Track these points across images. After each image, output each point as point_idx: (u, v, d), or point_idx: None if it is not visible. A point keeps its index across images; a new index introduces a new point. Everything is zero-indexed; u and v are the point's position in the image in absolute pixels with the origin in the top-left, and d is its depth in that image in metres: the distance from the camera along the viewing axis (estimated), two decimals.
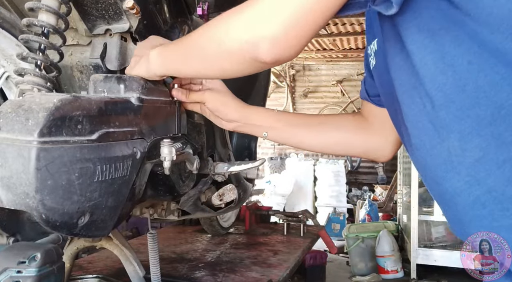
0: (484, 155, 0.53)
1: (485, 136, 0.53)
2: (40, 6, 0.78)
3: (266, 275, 1.71)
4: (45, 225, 0.64)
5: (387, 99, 0.73)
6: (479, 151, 0.54)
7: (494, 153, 0.53)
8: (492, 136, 0.52)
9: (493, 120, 0.52)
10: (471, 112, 0.53)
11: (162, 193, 1.04)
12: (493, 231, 0.54)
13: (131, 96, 0.83)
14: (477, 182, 0.55)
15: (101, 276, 1.56)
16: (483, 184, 0.54)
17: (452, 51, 0.53)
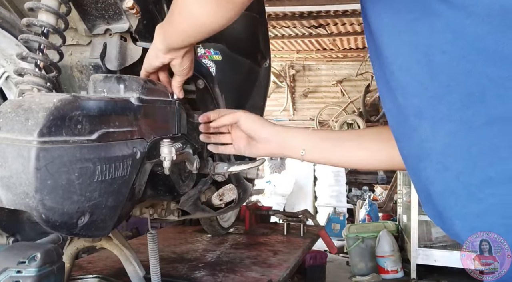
0: (453, 140, 0.54)
1: (455, 122, 0.53)
2: (40, 6, 0.78)
3: (266, 275, 1.71)
4: (45, 225, 0.64)
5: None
6: (449, 136, 0.54)
7: (462, 138, 0.53)
8: (461, 121, 0.53)
9: (463, 106, 0.53)
10: (443, 99, 0.54)
11: (162, 193, 1.04)
12: (464, 219, 0.54)
13: (131, 96, 0.83)
14: (446, 168, 0.55)
15: (101, 276, 1.56)
16: (451, 169, 0.55)
17: (426, 41, 0.54)
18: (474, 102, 0.52)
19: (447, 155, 0.55)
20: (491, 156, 0.51)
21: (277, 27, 5.86)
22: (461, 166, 0.54)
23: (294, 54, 7.33)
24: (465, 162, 0.53)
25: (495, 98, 0.51)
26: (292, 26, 5.83)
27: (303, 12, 5.31)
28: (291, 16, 5.43)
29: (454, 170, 0.54)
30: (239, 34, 1.73)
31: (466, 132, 0.53)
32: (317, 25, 5.78)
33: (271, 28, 5.76)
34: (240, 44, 1.73)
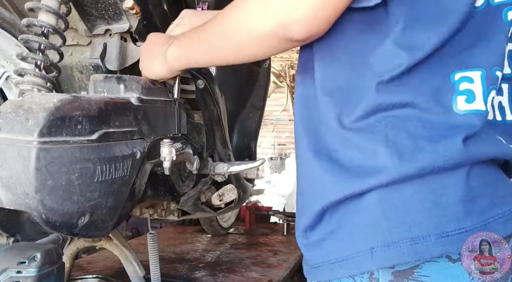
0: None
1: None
2: (40, 6, 0.78)
3: (266, 275, 1.71)
4: (45, 225, 0.64)
5: None
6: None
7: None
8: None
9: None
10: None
11: (162, 193, 1.04)
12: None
13: (131, 96, 0.83)
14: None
15: (101, 276, 1.56)
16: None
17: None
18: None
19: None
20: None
21: None
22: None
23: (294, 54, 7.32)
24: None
25: None
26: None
27: None
28: None
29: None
30: None
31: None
32: None
33: None
34: None
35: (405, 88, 0.56)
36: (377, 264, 0.56)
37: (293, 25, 0.58)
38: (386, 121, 0.57)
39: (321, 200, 0.60)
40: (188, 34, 0.80)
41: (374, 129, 0.57)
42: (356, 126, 0.58)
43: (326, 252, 0.60)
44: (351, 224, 0.58)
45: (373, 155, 0.56)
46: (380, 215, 0.56)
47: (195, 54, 0.79)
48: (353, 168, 0.58)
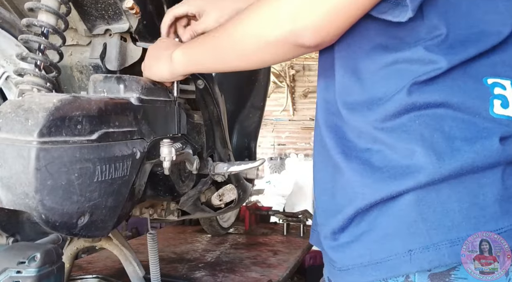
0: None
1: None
2: (40, 6, 0.78)
3: (266, 275, 1.71)
4: (45, 225, 0.64)
5: None
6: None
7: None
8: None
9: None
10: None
11: (162, 193, 1.04)
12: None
13: (130, 96, 0.83)
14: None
15: (101, 276, 1.56)
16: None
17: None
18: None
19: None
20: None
21: None
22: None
23: None
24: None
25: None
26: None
27: None
28: None
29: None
30: None
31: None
32: None
33: None
34: None
35: (439, 88, 0.56)
36: (416, 266, 0.55)
37: (304, 31, 0.58)
38: (420, 120, 0.56)
39: (353, 203, 0.59)
40: (196, 41, 0.81)
41: (408, 129, 0.56)
42: (387, 126, 0.58)
43: (358, 255, 0.59)
44: (386, 226, 0.57)
45: (409, 154, 0.56)
46: (417, 217, 0.55)
47: (201, 60, 0.80)
48: (386, 168, 0.57)
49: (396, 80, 0.58)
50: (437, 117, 0.56)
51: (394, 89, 0.58)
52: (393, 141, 0.57)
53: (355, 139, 0.61)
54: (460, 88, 0.56)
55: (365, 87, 0.61)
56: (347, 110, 0.62)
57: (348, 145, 0.62)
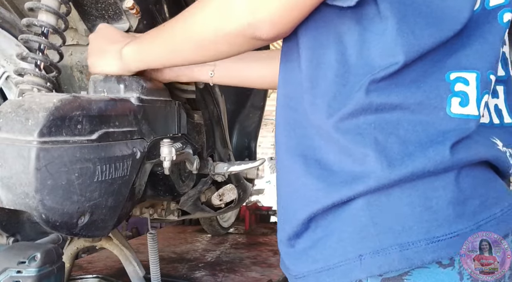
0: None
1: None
2: (40, 6, 0.78)
3: (266, 275, 1.71)
4: (45, 225, 0.64)
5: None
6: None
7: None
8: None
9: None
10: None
11: (162, 193, 1.04)
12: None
13: (131, 96, 0.83)
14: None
15: (101, 276, 1.56)
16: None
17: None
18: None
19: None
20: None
21: None
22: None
23: None
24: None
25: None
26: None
27: None
28: None
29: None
30: None
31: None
32: None
33: None
34: None
35: (396, 88, 0.55)
36: (366, 272, 0.54)
37: (261, 24, 0.58)
38: (375, 123, 0.55)
39: (307, 207, 0.58)
40: (148, 35, 0.79)
41: (363, 132, 0.55)
42: (344, 126, 0.56)
43: (313, 261, 0.58)
44: (339, 231, 0.56)
45: (362, 159, 0.55)
46: (368, 221, 0.54)
47: (156, 54, 0.78)
48: (341, 172, 0.56)
49: (357, 76, 0.56)
50: (393, 121, 0.55)
51: (354, 86, 0.56)
52: (348, 143, 0.56)
53: (314, 141, 0.60)
54: (418, 87, 0.55)
55: (328, 82, 0.59)
56: (311, 106, 0.60)
57: (307, 146, 0.60)
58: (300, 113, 0.62)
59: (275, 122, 0.67)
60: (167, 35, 0.74)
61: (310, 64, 0.61)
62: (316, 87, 0.60)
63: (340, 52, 0.58)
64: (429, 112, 0.55)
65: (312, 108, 0.60)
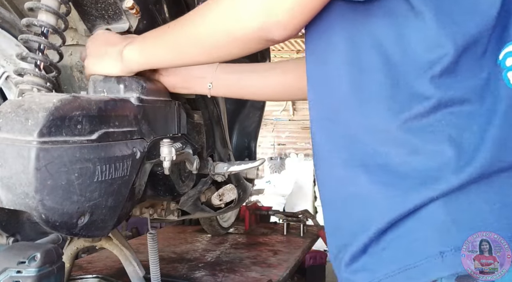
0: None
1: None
2: (40, 6, 0.78)
3: (266, 275, 1.71)
4: (45, 225, 0.64)
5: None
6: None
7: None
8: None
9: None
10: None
11: (162, 193, 1.04)
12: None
13: (130, 96, 0.83)
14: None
15: (101, 276, 1.56)
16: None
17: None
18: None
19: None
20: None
21: None
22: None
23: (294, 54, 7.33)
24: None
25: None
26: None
27: None
28: None
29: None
30: None
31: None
32: None
33: None
34: None
35: (457, 81, 0.54)
36: (449, 269, 0.52)
37: (274, 26, 0.58)
38: (446, 120, 0.54)
39: (384, 215, 0.55)
40: (150, 35, 0.79)
41: (435, 129, 0.54)
42: (412, 126, 0.54)
43: (385, 264, 0.56)
44: (414, 231, 0.54)
45: (437, 157, 0.53)
46: (447, 218, 0.53)
47: (160, 55, 0.77)
48: (413, 173, 0.54)
49: (410, 73, 0.55)
50: (465, 116, 0.53)
51: (412, 85, 0.55)
52: (419, 142, 0.54)
53: (373, 145, 0.57)
54: (475, 75, 0.53)
55: (378, 84, 0.57)
56: (362, 112, 0.58)
57: (364, 152, 0.58)
58: (342, 124, 0.60)
59: (313, 138, 0.65)
60: (174, 37, 0.73)
61: (352, 68, 0.59)
62: (363, 91, 0.58)
63: (381, 53, 0.56)
64: (493, 99, 0.54)
65: (364, 113, 0.58)
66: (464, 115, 0.54)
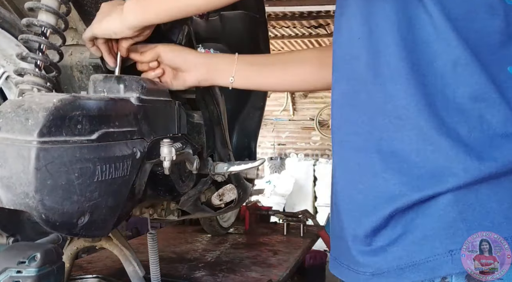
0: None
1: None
2: (40, 6, 0.78)
3: (266, 275, 1.71)
4: (45, 225, 0.64)
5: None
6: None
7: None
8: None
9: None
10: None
11: (162, 193, 1.04)
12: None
13: (131, 96, 0.83)
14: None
15: (101, 276, 1.56)
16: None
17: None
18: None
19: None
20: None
21: (277, 27, 5.86)
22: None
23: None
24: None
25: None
26: (292, 26, 5.82)
27: (303, 12, 5.31)
28: (291, 16, 5.42)
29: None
30: (239, 34, 1.73)
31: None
32: (317, 25, 5.78)
33: (271, 28, 5.76)
34: (240, 44, 1.73)
35: (472, 78, 0.54)
36: (458, 267, 0.53)
37: None
38: (459, 117, 0.54)
39: (391, 202, 0.57)
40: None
41: (447, 125, 0.54)
42: (430, 118, 0.55)
43: (394, 257, 0.57)
44: (424, 227, 0.55)
45: (449, 152, 0.54)
46: (457, 217, 0.54)
47: (155, 7, 0.77)
48: (421, 166, 0.55)
49: (423, 61, 0.57)
50: (476, 114, 0.54)
51: (428, 70, 0.56)
52: (434, 138, 0.55)
53: (388, 130, 0.58)
54: (490, 76, 0.54)
55: (392, 67, 0.58)
56: (380, 95, 0.58)
57: (379, 137, 0.59)
58: (361, 109, 0.61)
59: (332, 124, 0.66)
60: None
61: (368, 54, 0.60)
62: (380, 75, 0.59)
63: (398, 41, 0.57)
64: (509, 103, 0.54)
65: (382, 97, 0.58)
66: (475, 113, 0.54)
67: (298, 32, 6.19)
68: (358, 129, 0.62)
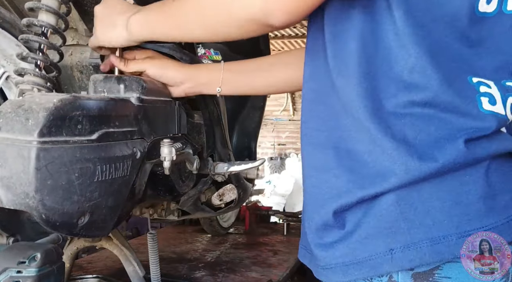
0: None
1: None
2: (40, 6, 0.78)
3: (266, 275, 1.71)
4: (45, 225, 0.64)
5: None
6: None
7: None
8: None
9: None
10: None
11: (162, 193, 1.04)
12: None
13: (131, 96, 0.83)
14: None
15: (101, 276, 1.56)
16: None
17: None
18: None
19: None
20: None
21: None
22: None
23: None
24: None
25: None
26: (292, 26, 5.83)
27: None
28: None
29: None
30: None
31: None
32: None
33: None
34: (240, 44, 1.73)
35: (426, 85, 0.55)
36: (397, 266, 0.55)
37: (275, 12, 0.58)
38: (405, 120, 0.56)
39: (338, 198, 0.59)
40: (156, 7, 0.79)
41: (393, 127, 0.56)
42: (378, 118, 0.57)
43: (341, 254, 0.59)
44: (368, 226, 0.57)
45: (392, 153, 0.55)
46: (398, 216, 0.55)
47: (162, 27, 0.77)
48: (372, 164, 0.57)
49: (380, 68, 0.58)
50: (423, 118, 0.55)
51: (383, 78, 0.58)
52: (380, 138, 0.56)
53: (347, 129, 0.60)
54: (449, 86, 0.55)
55: (352, 72, 0.60)
56: (342, 96, 0.61)
57: (338, 135, 0.61)
58: (329, 106, 0.63)
59: (302, 117, 0.68)
60: (177, 12, 0.73)
61: (332, 56, 0.62)
62: (342, 76, 0.60)
63: (360, 45, 0.58)
64: (461, 109, 0.55)
65: (343, 99, 0.60)
66: (423, 117, 0.55)
67: (298, 32, 6.19)
68: (322, 125, 0.64)
